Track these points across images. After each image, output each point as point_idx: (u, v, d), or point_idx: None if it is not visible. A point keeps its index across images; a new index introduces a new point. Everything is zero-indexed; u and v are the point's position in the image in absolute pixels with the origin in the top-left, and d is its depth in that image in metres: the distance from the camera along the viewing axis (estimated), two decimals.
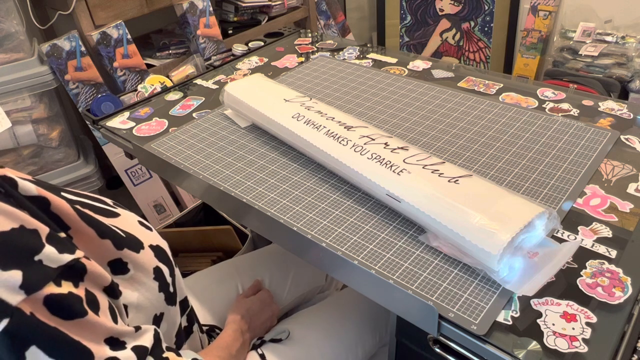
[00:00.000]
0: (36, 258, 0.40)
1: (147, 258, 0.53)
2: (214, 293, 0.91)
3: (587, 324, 0.54)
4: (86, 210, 0.49)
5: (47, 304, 0.39)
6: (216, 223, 1.43)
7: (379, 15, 2.36)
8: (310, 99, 0.87)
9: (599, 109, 0.92)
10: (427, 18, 2.31)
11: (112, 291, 0.46)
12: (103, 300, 0.44)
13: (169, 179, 0.94)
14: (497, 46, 2.21)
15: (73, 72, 1.43)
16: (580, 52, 1.80)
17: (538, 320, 0.54)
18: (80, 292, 0.42)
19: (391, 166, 0.67)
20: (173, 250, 0.59)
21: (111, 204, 0.57)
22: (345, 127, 0.76)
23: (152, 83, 1.15)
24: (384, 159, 0.69)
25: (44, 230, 0.41)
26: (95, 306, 0.43)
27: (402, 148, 0.70)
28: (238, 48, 1.30)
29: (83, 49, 1.43)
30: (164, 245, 0.57)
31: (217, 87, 1.13)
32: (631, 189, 0.72)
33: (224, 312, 0.87)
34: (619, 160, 0.78)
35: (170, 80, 1.18)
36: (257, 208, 0.73)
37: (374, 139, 0.72)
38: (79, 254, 0.43)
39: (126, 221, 0.54)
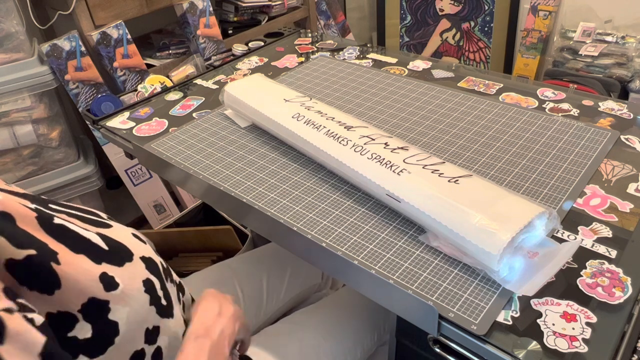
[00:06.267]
0: None
1: (136, 270, 0.51)
2: None
3: (587, 324, 0.54)
4: (67, 223, 0.47)
5: None
6: (216, 223, 1.43)
7: (379, 15, 2.36)
8: (310, 99, 0.87)
9: (599, 109, 0.92)
10: (427, 18, 2.31)
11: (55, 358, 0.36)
12: None
13: (169, 179, 0.94)
14: (497, 46, 2.21)
15: (73, 72, 1.43)
16: (580, 52, 1.80)
17: (538, 320, 0.54)
18: None
19: (391, 166, 0.67)
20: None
21: (105, 217, 0.56)
22: (345, 127, 0.76)
23: (152, 83, 1.15)
24: (384, 159, 0.69)
25: None
26: None
27: (402, 148, 0.70)
28: (238, 48, 1.30)
29: (83, 49, 1.43)
30: (157, 259, 0.56)
31: (217, 87, 1.13)
32: (631, 189, 0.72)
33: None
34: (619, 160, 0.78)
35: (170, 80, 1.18)
36: (257, 208, 0.73)
37: (374, 139, 0.72)
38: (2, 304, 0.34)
39: (118, 232, 0.53)
